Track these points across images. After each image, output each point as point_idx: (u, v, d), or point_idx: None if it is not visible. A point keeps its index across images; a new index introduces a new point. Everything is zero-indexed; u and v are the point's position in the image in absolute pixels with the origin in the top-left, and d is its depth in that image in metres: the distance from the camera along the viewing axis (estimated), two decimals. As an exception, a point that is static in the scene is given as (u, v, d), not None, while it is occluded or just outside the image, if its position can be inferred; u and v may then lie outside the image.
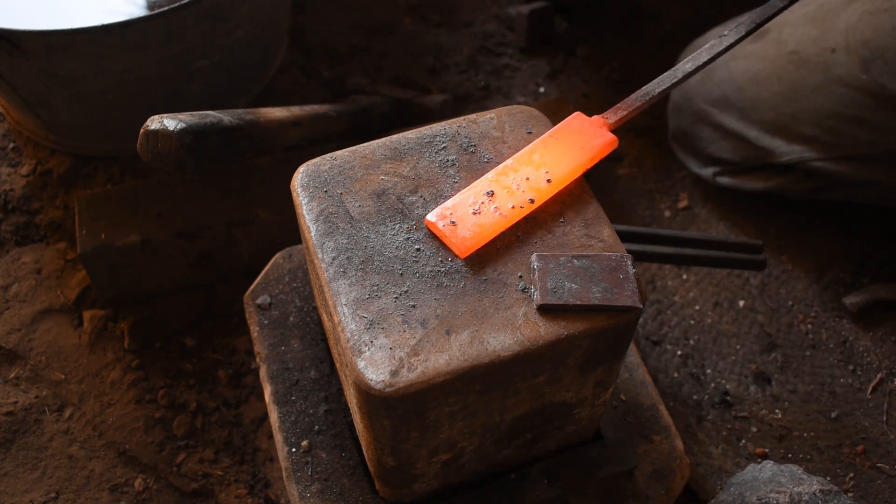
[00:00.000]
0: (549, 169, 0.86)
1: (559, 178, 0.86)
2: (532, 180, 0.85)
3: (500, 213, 0.82)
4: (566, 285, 0.78)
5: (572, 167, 0.86)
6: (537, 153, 0.87)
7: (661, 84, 0.92)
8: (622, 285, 0.78)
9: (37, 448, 1.26)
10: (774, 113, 1.35)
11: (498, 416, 0.85)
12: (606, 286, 0.78)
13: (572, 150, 0.87)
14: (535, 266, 0.79)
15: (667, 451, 1.07)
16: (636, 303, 0.77)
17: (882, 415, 1.29)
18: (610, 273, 0.79)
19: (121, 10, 1.36)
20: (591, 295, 0.78)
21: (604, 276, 0.79)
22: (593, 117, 0.90)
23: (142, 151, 1.12)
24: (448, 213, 0.82)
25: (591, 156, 0.87)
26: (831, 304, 1.40)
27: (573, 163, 0.87)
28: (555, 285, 0.78)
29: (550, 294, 0.78)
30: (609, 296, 0.78)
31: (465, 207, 0.83)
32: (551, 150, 0.88)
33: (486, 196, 0.84)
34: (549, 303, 0.77)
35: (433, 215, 0.82)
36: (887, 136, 1.26)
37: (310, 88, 1.68)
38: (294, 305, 1.15)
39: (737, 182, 1.46)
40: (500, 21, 1.85)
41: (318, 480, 1.00)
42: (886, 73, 1.22)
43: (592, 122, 0.90)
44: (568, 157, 0.87)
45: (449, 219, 0.82)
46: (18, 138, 1.60)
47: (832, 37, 1.29)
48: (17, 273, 1.44)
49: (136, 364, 1.35)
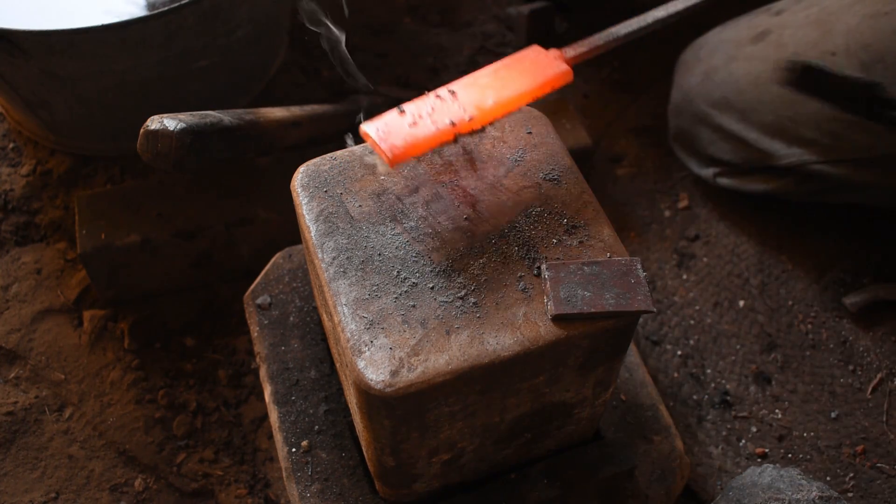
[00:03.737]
0: (495, 91, 0.84)
1: (504, 100, 0.84)
2: (475, 101, 0.83)
3: (437, 126, 0.81)
4: (579, 293, 0.77)
5: (519, 92, 0.85)
6: (486, 77, 0.86)
7: (628, 26, 0.91)
8: (634, 290, 0.78)
9: (37, 448, 1.26)
10: (774, 115, 1.35)
11: (498, 416, 0.85)
12: (619, 291, 0.78)
13: (523, 76, 0.86)
14: (546, 276, 0.79)
15: (667, 451, 1.07)
16: (650, 307, 0.77)
17: (882, 415, 1.29)
18: (621, 278, 0.79)
19: (121, 11, 1.36)
20: (604, 302, 0.77)
21: (615, 282, 0.78)
22: (550, 50, 0.89)
23: (142, 151, 1.12)
24: (383, 123, 0.81)
25: (542, 83, 0.86)
26: (831, 304, 1.40)
27: (521, 88, 0.85)
28: (568, 294, 0.77)
29: (565, 304, 0.77)
30: (623, 301, 0.77)
31: (402, 119, 0.81)
32: (501, 76, 0.86)
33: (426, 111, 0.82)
34: (565, 312, 0.76)
35: (368, 125, 0.81)
36: (886, 140, 1.26)
37: (310, 88, 1.68)
38: (294, 305, 1.15)
39: (737, 183, 1.46)
40: (500, 21, 1.85)
41: (318, 480, 1.00)
42: (887, 78, 1.22)
43: (549, 53, 0.89)
44: (516, 83, 0.86)
45: (384, 129, 0.80)
46: (18, 138, 1.60)
47: (832, 40, 1.29)
48: (17, 273, 1.44)
49: (136, 364, 1.35)
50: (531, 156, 0.89)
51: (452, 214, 0.84)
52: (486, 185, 0.87)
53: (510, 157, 0.89)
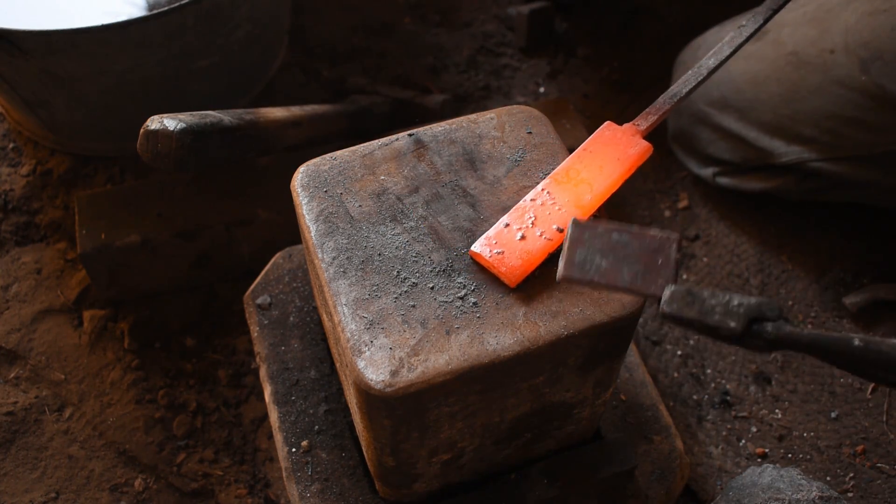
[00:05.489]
0: (589, 184, 0.83)
1: (599, 192, 0.83)
2: (573, 199, 0.82)
3: (546, 236, 0.80)
4: (596, 261, 0.70)
5: (611, 180, 0.84)
6: (574, 169, 0.85)
7: (687, 84, 0.90)
8: (657, 270, 0.69)
9: (37, 448, 1.26)
10: (773, 114, 1.35)
11: (498, 416, 0.85)
12: (641, 269, 0.69)
13: (609, 162, 0.85)
14: (570, 233, 0.71)
15: (667, 451, 1.07)
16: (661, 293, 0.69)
17: (882, 415, 1.29)
18: (649, 255, 0.70)
19: (121, 11, 1.36)
20: (619, 276, 0.69)
21: (641, 256, 0.70)
22: (624, 126, 0.88)
23: (142, 151, 1.12)
24: (493, 242, 0.80)
25: (629, 166, 0.85)
26: (831, 304, 1.40)
27: (612, 175, 0.84)
28: (583, 259, 0.70)
29: (576, 268, 0.70)
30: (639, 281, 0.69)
31: (510, 234, 0.80)
32: (587, 164, 0.85)
33: (529, 220, 0.81)
34: (573, 276, 0.69)
35: (478, 246, 0.80)
36: (886, 137, 1.26)
37: (310, 88, 1.68)
38: (294, 305, 1.15)
39: (737, 182, 1.46)
40: (500, 21, 1.85)
41: (318, 480, 1.00)
42: (885, 74, 1.22)
43: (625, 130, 0.88)
44: (606, 170, 0.84)
45: (495, 248, 0.80)
46: (18, 138, 1.60)
47: (831, 38, 1.29)
48: (17, 273, 1.44)
49: (136, 364, 1.35)
50: (531, 156, 0.89)
51: (452, 214, 0.84)
52: (486, 185, 0.87)
53: (510, 157, 0.89)
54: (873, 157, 1.29)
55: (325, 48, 1.76)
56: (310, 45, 1.76)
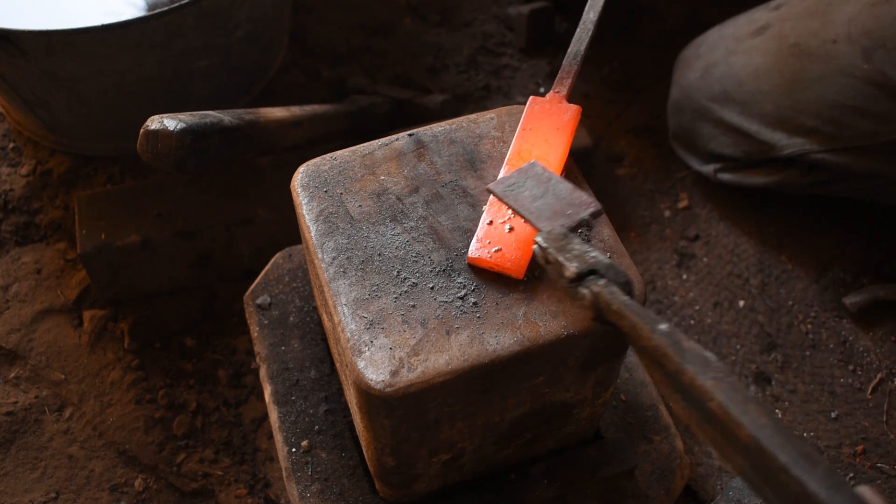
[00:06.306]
0: (543, 158, 0.86)
1: (555, 162, 0.86)
2: None
3: None
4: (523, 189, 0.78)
5: (561, 149, 0.87)
6: (524, 149, 0.87)
7: (581, 41, 0.94)
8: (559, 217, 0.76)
9: (37, 448, 1.26)
10: (775, 106, 1.35)
11: (498, 416, 0.85)
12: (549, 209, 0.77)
13: (551, 133, 0.88)
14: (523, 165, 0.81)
15: (667, 451, 1.07)
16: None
17: (882, 415, 1.29)
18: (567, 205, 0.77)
19: (121, 11, 1.36)
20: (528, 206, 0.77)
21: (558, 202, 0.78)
22: (548, 96, 0.91)
23: (142, 151, 1.12)
24: (487, 243, 0.80)
25: (570, 131, 0.88)
26: (831, 304, 1.40)
27: (559, 144, 0.87)
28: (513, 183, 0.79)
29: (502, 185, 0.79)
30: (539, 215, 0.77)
31: (498, 229, 0.81)
32: (533, 141, 0.88)
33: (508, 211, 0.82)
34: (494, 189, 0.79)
35: (473, 251, 0.80)
36: (889, 126, 1.25)
37: (310, 88, 1.68)
38: (294, 305, 1.15)
39: (738, 178, 1.46)
40: (500, 21, 1.85)
41: (318, 480, 1.00)
42: (888, 62, 1.22)
43: (551, 100, 0.90)
44: (552, 141, 0.87)
45: (492, 247, 0.80)
46: (18, 138, 1.60)
47: (833, 28, 1.29)
48: (17, 273, 1.44)
49: (136, 364, 1.35)
50: (531, 156, 0.89)
51: (452, 214, 0.84)
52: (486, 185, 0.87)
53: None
54: (876, 147, 1.28)
55: (325, 48, 1.76)
56: (310, 45, 1.76)
